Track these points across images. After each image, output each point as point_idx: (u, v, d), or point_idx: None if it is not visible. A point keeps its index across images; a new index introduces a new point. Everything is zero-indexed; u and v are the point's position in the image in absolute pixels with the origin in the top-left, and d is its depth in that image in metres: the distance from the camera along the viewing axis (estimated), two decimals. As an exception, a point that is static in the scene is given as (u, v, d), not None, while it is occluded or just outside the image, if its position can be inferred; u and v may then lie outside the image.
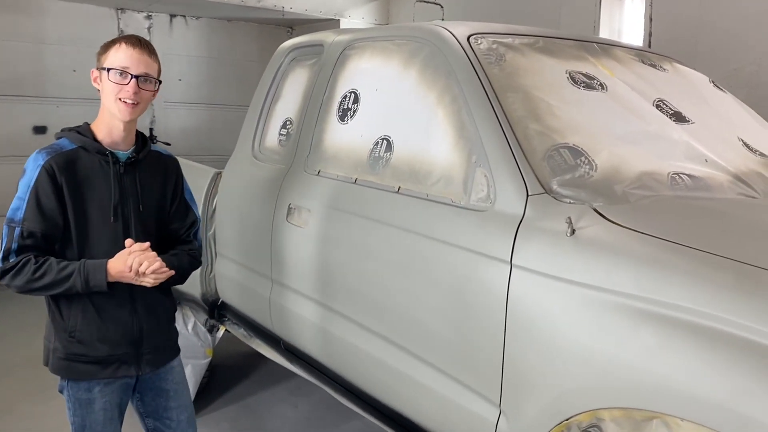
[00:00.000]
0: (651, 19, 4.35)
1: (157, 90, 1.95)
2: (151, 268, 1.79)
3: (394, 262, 2.18)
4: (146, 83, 1.88)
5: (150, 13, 6.23)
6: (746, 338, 1.34)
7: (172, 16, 6.36)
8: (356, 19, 6.43)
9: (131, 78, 1.85)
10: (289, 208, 2.75)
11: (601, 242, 1.65)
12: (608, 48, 2.59)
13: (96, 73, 1.91)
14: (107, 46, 1.89)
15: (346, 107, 2.62)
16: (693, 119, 2.31)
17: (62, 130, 1.95)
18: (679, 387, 1.39)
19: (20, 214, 1.80)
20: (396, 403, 2.23)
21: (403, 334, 2.15)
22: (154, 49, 1.94)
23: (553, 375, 1.65)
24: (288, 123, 3.05)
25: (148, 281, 1.82)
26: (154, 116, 6.47)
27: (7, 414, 3.34)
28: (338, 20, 6.33)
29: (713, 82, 2.78)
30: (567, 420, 1.61)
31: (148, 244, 1.83)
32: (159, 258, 1.83)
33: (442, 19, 5.77)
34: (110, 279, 1.80)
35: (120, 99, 1.85)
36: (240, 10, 5.96)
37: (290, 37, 6.61)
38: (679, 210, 1.84)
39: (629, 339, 1.50)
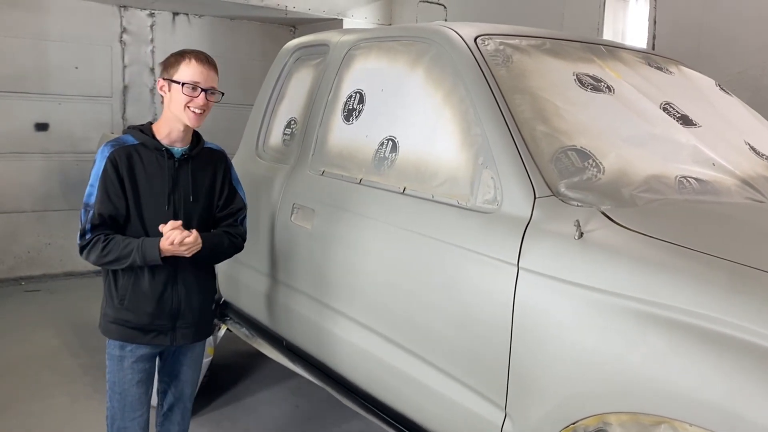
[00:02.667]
0: (655, 22, 4.34)
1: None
2: (178, 238, 2.04)
3: (398, 263, 2.17)
4: (212, 95, 2.17)
5: (153, 11, 6.20)
6: (756, 343, 1.33)
7: (175, 14, 6.34)
8: (359, 19, 6.41)
9: (201, 91, 2.11)
10: (293, 208, 2.74)
11: (610, 245, 1.64)
12: (615, 50, 2.59)
13: (163, 82, 2.15)
14: (177, 60, 2.14)
15: (351, 107, 2.61)
16: (700, 122, 2.30)
17: (128, 127, 2.22)
18: (688, 391, 1.38)
19: (92, 199, 2.09)
20: (399, 404, 2.22)
21: (408, 335, 2.14)
22: (215, 64, 2.21)
23: (560, 378, 1.65)
24: (292, 122, 3.04)
25: (183, 251, 2.07)
26: (156, 114, 6.46)
27: (4, 412, 3.32)
28: (341, 20, 6.31)
29: (719, 86, 2.78)
30: (573, 424, 1.61)
31: (179, 222, 2.08)
32: (192, 233, 2.09)
33: (445, 20, 5.76)
34: (163, 254, 2.07)
35: (189, 108, 2.11)
36: (243, 8, 5.94)
37: (293, 37, 6.61)
38: (687, 214, 1.83)
39: (637, 342, 1.50)
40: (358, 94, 2.60)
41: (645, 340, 1.48)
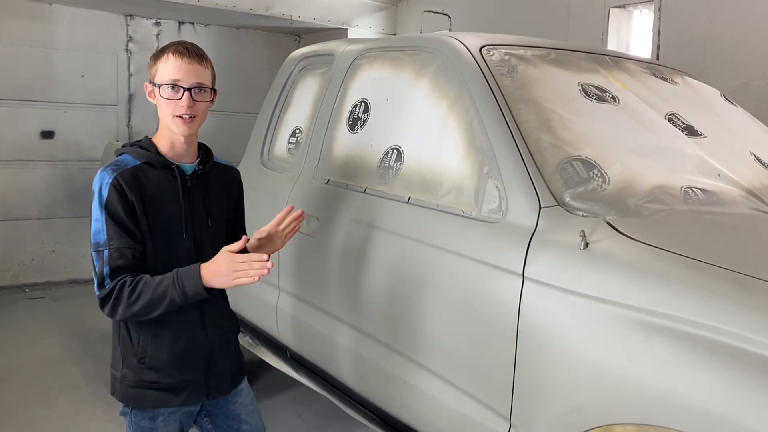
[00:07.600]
0: (659, 32, 4.34)
1: (214, 99, 1.83)
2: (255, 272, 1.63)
3: (403, 272, 2.17)
4: (200, 93, 1.76)
5: (159, 20, 6.24)
6: (762, 355, 1.32)
7: (181, 23, 6.38)
8: (364, 29, 6.44)
9: (183, 91, 1.72)
10: (298, 217, 2.74)
11: (615, 256, 1.63)
12: (619, 61, 2.59)
13: (149, 87, 1.79)
14: (156, 58, 1.77)
15: (356, 116, 2.62)
16: (705, 133, 2.30)
17: (123, 146, 1.84)
18: (694, 403, 1.37)
19: (103, 237, 1.69)
20: (404, 414, 2.22)
21: (412, 345, 2.14)
22: (204, 54, 1.79)
23: (565, 389, 1.64)
24: (297, 131, 3.05)
25: (249, 280, 1.65)
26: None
27: (7, 419, 3.32)
28: (346, 29, 6.33)
29: (724, 96, 2.78)
30: (579, 435, 1.60)
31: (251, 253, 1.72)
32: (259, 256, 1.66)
33: (450, 30, 5.78)
34: (206, 283, 1.66)
35: (176, 115, 1.74)
36: (248, 18, 5.97)
37: (298, 46, 6.64)
38: (692, 224, 1.83)
39: (643, 354, 1.49)
40: (363, 104, 2.61)
41: (651, 351, 1.47)
